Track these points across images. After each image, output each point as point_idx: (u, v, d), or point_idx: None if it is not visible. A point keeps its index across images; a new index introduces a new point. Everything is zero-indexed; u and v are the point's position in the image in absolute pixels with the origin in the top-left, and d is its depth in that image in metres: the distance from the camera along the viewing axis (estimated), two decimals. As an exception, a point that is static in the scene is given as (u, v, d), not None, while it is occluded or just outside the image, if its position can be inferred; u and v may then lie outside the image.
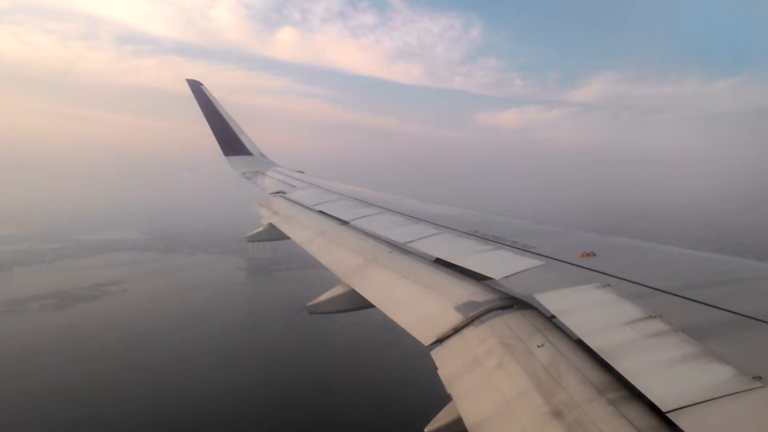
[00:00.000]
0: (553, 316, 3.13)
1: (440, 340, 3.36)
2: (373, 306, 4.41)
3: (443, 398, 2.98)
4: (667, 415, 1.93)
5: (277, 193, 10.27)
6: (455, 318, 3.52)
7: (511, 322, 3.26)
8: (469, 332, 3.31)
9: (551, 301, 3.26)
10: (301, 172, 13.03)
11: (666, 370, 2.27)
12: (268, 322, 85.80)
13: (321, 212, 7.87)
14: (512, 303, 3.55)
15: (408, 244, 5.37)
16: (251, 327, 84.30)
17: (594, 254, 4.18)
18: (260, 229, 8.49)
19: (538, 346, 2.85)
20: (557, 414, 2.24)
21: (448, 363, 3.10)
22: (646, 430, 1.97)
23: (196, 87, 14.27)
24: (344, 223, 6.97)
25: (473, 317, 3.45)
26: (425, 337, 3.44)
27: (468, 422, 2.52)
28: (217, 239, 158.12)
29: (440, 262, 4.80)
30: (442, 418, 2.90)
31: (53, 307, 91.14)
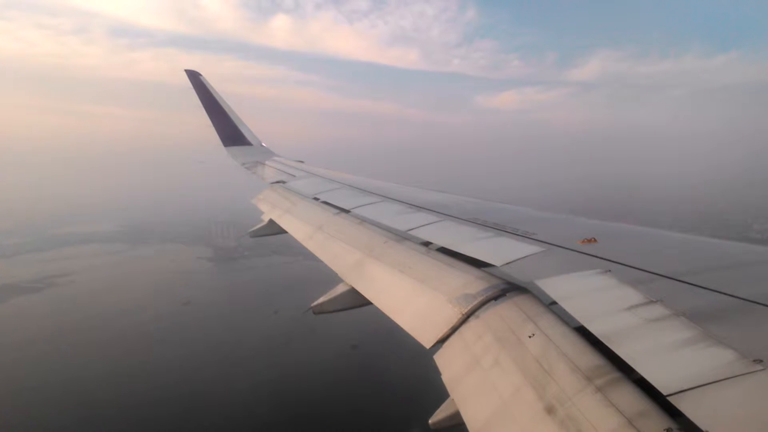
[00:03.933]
0: (553, 302, 3.14)
1: (441, 341, 3.34)
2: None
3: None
4: (668, 398, 1.95)
5: (277, 182, 10.25)
6: (453, 315, 3.49)
7: (504, 313, 3.27)
8: (467, 330, 3.31)
9: (552, 287, 3.27)
10: (301, 161, 12.96)
11: (667, 354, 2.29)
12: (199, 313, 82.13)
13: (320, 202, 7.82)
14: (505, 291, 3.54)
15: (408, 233, 5.34)
16: (181, 318, 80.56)
17: (595, 240, 4.19)
18: (262, 224, 8.39)
19: (529, 337, 2.88)
20: (550, 410, 2.29)
21: (449, 367, 3.09)
22: (633, 417, 2.01)
23: (194, 77, 13.91)
24: (344, 212, 6.92)
25: (469, 312, 3.44)
26: (426, 340, 3.41)
27: (471, 429, 2.55)
28: (190, 229, 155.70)
29: (440, 250, 4.78)
30: (445, 409, 2.93)
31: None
